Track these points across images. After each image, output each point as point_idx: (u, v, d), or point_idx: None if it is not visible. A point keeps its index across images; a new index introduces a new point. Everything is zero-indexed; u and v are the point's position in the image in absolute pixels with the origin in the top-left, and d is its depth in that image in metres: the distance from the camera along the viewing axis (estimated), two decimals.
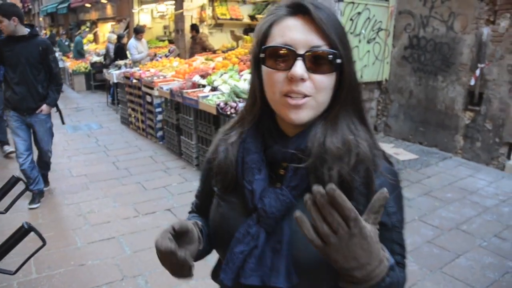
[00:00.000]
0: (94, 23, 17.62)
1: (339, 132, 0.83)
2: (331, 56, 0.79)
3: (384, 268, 0.71)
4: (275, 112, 0.87)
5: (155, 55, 8.71)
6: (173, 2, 10.26)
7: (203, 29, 9.17)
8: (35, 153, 4.16)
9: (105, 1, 14.53)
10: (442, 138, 5.85)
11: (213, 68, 6.29)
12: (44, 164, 4.33)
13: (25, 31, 3.72)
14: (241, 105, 4.19)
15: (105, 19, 16.13)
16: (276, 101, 0.82)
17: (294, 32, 0.79)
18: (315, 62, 0.79)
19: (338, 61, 0.80)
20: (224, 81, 5.28)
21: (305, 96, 0.80)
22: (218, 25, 10.22)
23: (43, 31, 23.24)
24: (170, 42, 11.58)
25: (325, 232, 0.64)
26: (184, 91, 5.29)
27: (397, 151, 5.83)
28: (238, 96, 4.53)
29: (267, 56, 0.82)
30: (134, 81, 6.79)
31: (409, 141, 6.32)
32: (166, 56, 9.18)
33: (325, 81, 0.80)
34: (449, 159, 5.56)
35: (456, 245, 3.35)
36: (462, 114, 5.55)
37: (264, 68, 0.83)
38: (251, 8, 9.65)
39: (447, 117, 5.74)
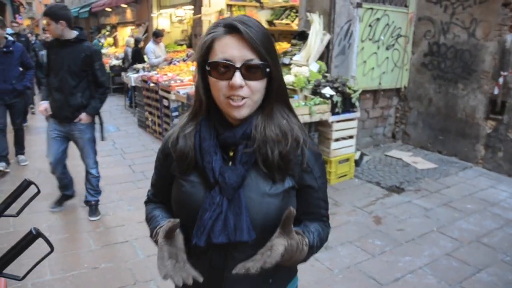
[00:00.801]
0: (114, 27, 17.87)
1: (276, 121, 1.09)
2: (261, 66, 1.01)
3: (304, 253, 1.05)
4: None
5: (172, 59, 8.76)
6: (192, 7, 10.34)
7: None
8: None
9: (125, 6, 14.73)
10: (462, 147, 5.72)
11: None
12: (89, 185, 3.95)
13: (73, 35, 3.50)
14: None
15: (124, 23, 16.35)
16: (221, 102, 1.05)
17: (231, 50, 1.00)
18: (249, 72, 1.01)
19: (268, 69, 1.03)
20: None
21: (243, 98, 1.02)
22: None
23: None
24: (189, 46, 11.65)
25: None
26: None
27: (415, 160, 5.71)
28: None
29: (212, 68, 1.03)
30: (152, 84, 6.84)
31: (427, 149, 6.19)
32: (184, 60, 9.23)
33: (258, 86, 1.03)
34: (469, 169, 5.43)
35: (477, 259, 3.25)
36: (483, 123, 5.41)
37: (210, 78, 1.04)
38: (269, 14, 9.62)
39: (468, 125, 5.61)
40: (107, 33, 18.00)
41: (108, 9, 16.64)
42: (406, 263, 3.20)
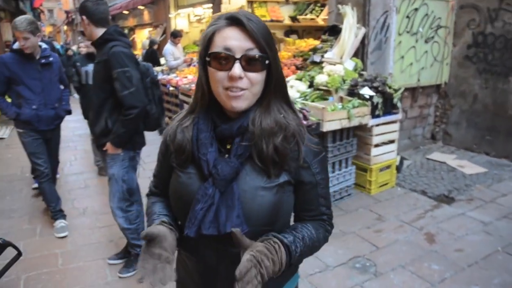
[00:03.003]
0: (132, 30, 17.70)
1: (272, 115, 1.07)
2: (261, 58, 1.01)
3: (282, 251, 1.00)
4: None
5: (192, 60, 8.37)
6: (211, 5, 9.95)
7: None
8: None
9: (142, 7, 14.47)
10: None
11: None
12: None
13: (98, 34, 2.67)
14: None
15: (142, 25, 16.14)
16: (220, 94, 1.03)
17: (232, 40, 0.99)
18: (249, 63, 1.00)
19: (267, 61, 1.02)
20: None
21: (242, 89, 1.01)
22: None
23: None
24: None
25: None
26: None
27: (461, 163, 5.16)
28: None
29: (212, 59, 1.01)
30: (171, 88, 6.48)
31: (473, 151, 5.63)
32: None
33: (257, 77, 1.02)
34: None
35: None
36: None
37: (210, 69, 1.03)
38: (292, 9, 9.11)
39: None
40: None
41: (125, 12, 16.46)
42: None
